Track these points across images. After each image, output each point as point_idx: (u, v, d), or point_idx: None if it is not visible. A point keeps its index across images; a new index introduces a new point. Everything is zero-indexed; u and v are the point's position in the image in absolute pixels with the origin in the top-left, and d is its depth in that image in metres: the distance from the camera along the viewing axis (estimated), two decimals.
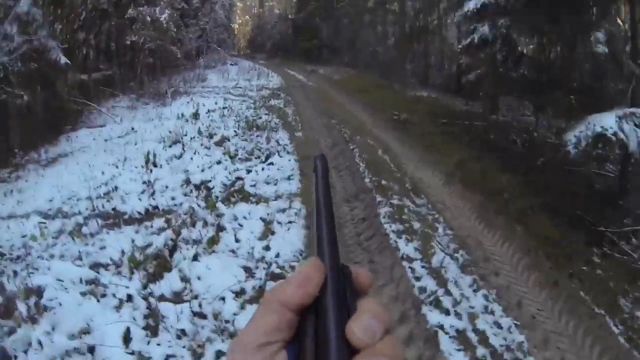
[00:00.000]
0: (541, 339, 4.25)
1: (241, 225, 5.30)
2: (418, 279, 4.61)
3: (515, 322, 4.34)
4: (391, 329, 0.32)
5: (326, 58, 26.73)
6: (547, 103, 9.05)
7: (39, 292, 3.56)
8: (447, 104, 13.98)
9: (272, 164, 7.32)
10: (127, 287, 3.91)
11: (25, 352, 3.06)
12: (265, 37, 39.77)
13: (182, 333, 3.53)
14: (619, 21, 11.04)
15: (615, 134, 6.09)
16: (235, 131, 9.28)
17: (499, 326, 4.23)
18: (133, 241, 4.80)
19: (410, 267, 4.78)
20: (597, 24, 8.37)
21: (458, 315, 4.22)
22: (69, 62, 12.81)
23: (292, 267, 4.57)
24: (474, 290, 4.61)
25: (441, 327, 4.02)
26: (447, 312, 4.22)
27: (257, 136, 8.94)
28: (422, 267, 4.80)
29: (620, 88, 9.17)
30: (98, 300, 3.68)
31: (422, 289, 4.44)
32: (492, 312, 4.38)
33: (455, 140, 9.38)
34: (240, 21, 46.32)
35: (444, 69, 20.50)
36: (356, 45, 25.20)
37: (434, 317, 4.12)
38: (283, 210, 5.76)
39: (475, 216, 6.18)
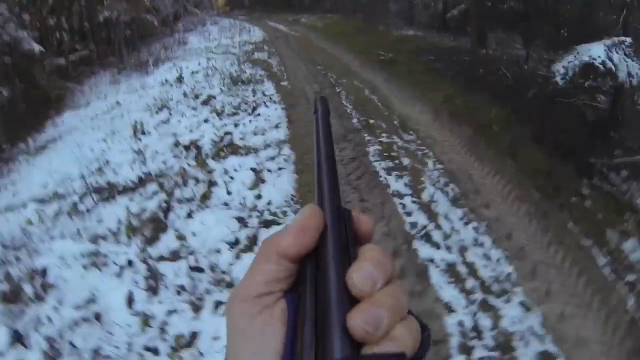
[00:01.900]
0: (529, 269, 4.29)
1: (232, 178, 5.31)
2: (409, 214, 4.57)
3: (505, 253, 4.37)
4: (394, 277, 0.30)
5: (307, 6, 26.17)
6: (535, 35, 8.77)
7: (43, 272, 3.66)
8: (434, 41, 13.60)
9: (259, 115, 7.33)
10: (126, 253, 3.99)
11: (37, 329, 3.15)
12: None
13: (181, 289, 3.61)
14: None
15: (603, 63, 5.95)
16: (220, 89, 9.22)
17: (489, 258, 4.26)
18: (128, 209, 4.83)
19: (401, 203, 4.74)
20: None
21: (448, 248, 4.22)
22: (43, 49, 12.67)
23: (284, 213, 4.58)
24: (465, 223, 4.60)
25: (432, 260, 4.03)
26: (438, 246, 4.22)
27: (243, 90, 8.92)
28: (413, 202, 4.76)
29: (611, 18, 8.94)
30: (100, 270, 3.78)
31: (413, 224, 4.42)
32: (482, 245, 4.39)
33: (443, 77, 9.19)
34: None
35: (429, 6, 19.78)
36: None
37: (424, 251, 4.12)
38: (272, 158, 5.74)
39: (465, 150, 6.11)
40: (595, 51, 6.07)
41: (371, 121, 6.78)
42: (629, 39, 6.37)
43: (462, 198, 5.00)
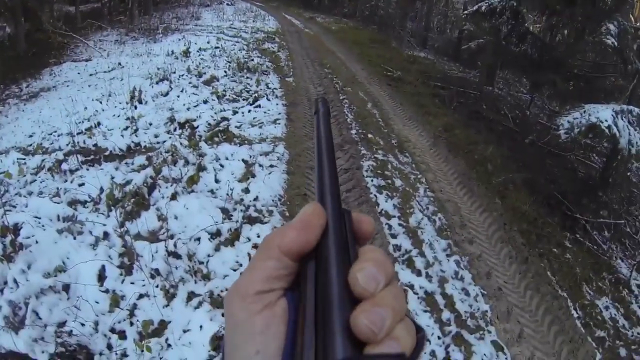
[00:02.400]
0: (504, 310, 4.32)
1: (222, 166, 5.17)
2: (394, 236, 4.55)
3: (483, 291, 4.38)
4: (393, 279, 0.31)
5: (326, 6, 26.01)
6: (544, 83, 8.93)
7: (15, 229, 3.46)
8: (444, 68, 13.74)
9: (259, 106, 7.18)
10: (104, 225, 3.83)
11: (1, 290, 2.99)
12: None
13: (155, 272, 3.49)
14: (631, 18, 10.91)
15: (609, 127, 6.07)
16: (225, 72, 9.04)
17: (467, 293, 4.26)
18: (112, 178, 4.67)
19: (387, 224, 4.71)
20: (610, 14, 8.14)
21: (429, 277, 4.21)
22: None
23: (270, 212, 4.46)
24: (447, 255, 4.60)
25: (411, 286, 4.01)
26: (419, 273, 4.21)
27: (247, 78, 8.75)
28: (400, 225, 4.74)
29: (620, 84, 9.16)
30: (74, 238, 3.63)
31: (397, 247, 4.41)
32: (462, 279, 4.40)
33: (447, 105, 9.23)
34: None
35: (445, 33, 20.02)
36: None
37: (405, 276, 4.10)
38: (266, 154, 5.62)
39: (457, 182, 6.13)
40: (603, 115, 6.19)
41: (370, 135, 6.74)
42: (637, 110, 6.52)
43: (448, 229, 5.01)
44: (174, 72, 8.88)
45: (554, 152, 8.75)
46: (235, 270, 3.69)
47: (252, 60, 10.21)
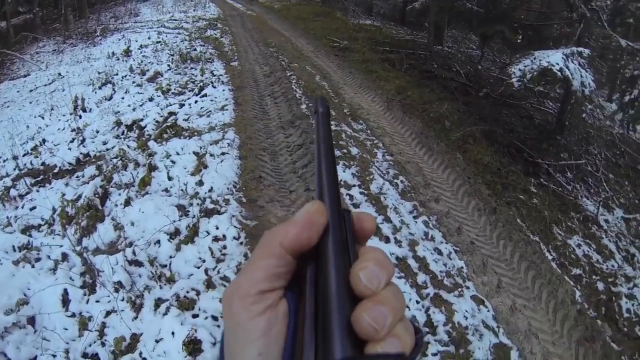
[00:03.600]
0: (480, 263, 4.29)
1: (174, 162, 4.97)
2: (357, 206, 4.42)
3: (455, 247, 4.32)
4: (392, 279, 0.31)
5: None
6: (492, 35, 8.94)
7: None
8: (391, 33, 13.63)
9: (205, 95, 7.00)
10: (60, 246, 3.68)
11: None
12: None
13: (119, 285, 3.33)
14: None
15: (561, 70, 6.09)
16: (168, 65, 8.79)
17: (440, 252, 4.19)
18: (63, 195, 4.42)
19: (348, 194, 4.57)
20: None
21: (398, 242, 4.11)
22: None
23: (226, 201, 4.31)
24: (414, 217, 4.51)
25: None
26: (387, 240, 4.10)
27: (192, 69, 8.52)
28: (361, 193, 4.62)
29: (567, 32, 9.28)
30: (33, 266, 3.54)
31: None
32: (433, 239, 4.32)
33: (397, 68, 9.15)
34: None
35: None
36: None
37: (373, 244, 3.94)
38: (216, 142, 5.42)
39: (415, 142, 6.05)
40: (554, 58, 6.21)
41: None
42: (587, 50, 6.58)
43: (412, 191, 4.92)
44: (117, 74, 8.60)
45: (510, 103, 8.82)
46: (198, 267, 3.55)
47: (195, 49, 9.97)
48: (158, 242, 3.75)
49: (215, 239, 3.82)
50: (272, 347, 0.30)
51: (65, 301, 3.21)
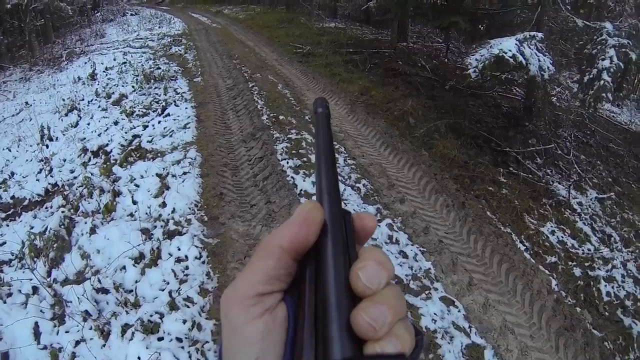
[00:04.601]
0: (449, 262, 4.20)
1: (138, 186, 4.96)
2: None
3: (422, 249, 4.23)
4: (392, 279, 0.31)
5: None
6: (449, 26, 8.96)
7: None
8: (355, 34, 13.67)
9: (168, 115, 6.97)
10: (30, 280, 3.70)
11: None
12: None
13: (86, 314, 3.34)
14: None
15: (513, 56, 6.07)
16: (133, 86, 8.69)
17: (405, 255, 4.10)
18: (32, 228, 4.44)
19: None
20: None
21: None
22: None
23: (188, 221, 4.27)
24: (378, 221, 4.40)
25: None
26: None
27: (156, 88, 8.47)
28: None
29: (524, 18, 9.35)
30: (5, 302, 3.55)
31: None
32: (397, 242, 4.23)
33: (361, 69, 9.13)
34: None
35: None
36: None
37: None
38: (178, 162, 5.39)
39: (379, 143, 5.98)
40: (507, 45, 6.19)
41: (281, 117, 6.50)
42: (540, 34, 6.58)
43: (375, 194, 4.83)
44: (83, 99, 8.49)
45: (477, 93, 8.82)
46: (162, 290, 3.57)
47: (159, 68, 9.92)
48: (124, 267, 3.78)
49: (178, 260, 3.81)
50: (270, 352, 0.30)
51: (37, 334, 3.22)
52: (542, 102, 8.52)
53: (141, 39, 15.37)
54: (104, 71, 10.59)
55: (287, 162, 5.20)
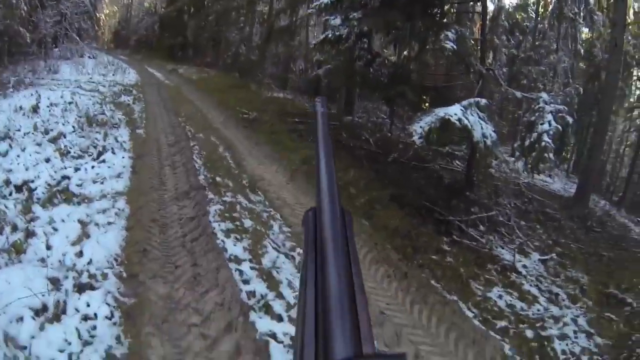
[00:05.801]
0: (392, 334, 3.90)
1: (56, 230, 4.55)
2: (246, 282, 3.97)
3: None
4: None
5: (189, 57, 26.69)
6: (395, 96, 9.32)
7: None
8: (302, 105, 14.16)
9: (104, 161, 6.79)
10: None
11: None
12: (131, 31, 37.80)
13: None
14: (475, 30, 12.23)
15: (459, 120, 6.28)
16: (73, 127, 8.47)
17: None
18: None
19: (238, 269, 4.14)
20: (449, 26, 8.86)
21: (292, 320, 3.63)
22: None
23: (104, 275, 3.85)
24: None
25: (273, 335, 3.40)
26: (280, 318, 3.62)
27: (97, 133, 8.28)
28: (252, 268, 4.18)
29: (467, 91, 9.98)
30: None
31: (251, 293, 3.80)
32: None
33: (304, 139, 9.21)
34: (107, 11, 41.81)
35: (306, 71, 20.88)
36: (221, 45, 25.58)
37: (264, 324, 3.49)
38: (104, 211, 5.08)
39: None
40: (452, 109, 6.45)
41: (218, 179, 6.30)
42: (484, 100, 6.91)
43: None
44: (19, 130, 8.05)
45: (419, 166, 9.07)
46: (62, 351, 3.00)
47: (104, 114, 9.76)
48: (21, 318, 3.23)
49: (85, 318, 3.30)
50: None
51: None
52: (483, 174, 8.82)
53: (93, 82, 15.47)
54: (47, 106, 10.25)
55: (219, 225, 4.90)
